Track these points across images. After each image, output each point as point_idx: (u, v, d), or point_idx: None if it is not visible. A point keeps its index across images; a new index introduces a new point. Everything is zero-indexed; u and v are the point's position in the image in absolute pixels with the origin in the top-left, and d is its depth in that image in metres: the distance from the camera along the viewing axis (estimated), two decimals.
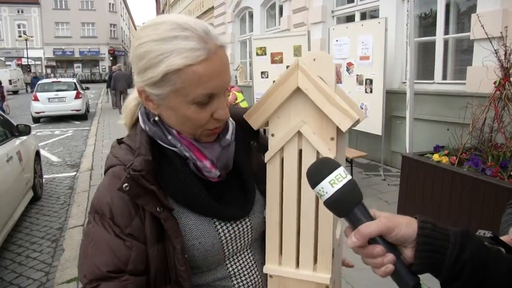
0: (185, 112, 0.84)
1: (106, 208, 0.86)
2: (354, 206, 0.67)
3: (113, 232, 0.84)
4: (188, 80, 0.80)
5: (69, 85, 14.82)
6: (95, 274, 0.82)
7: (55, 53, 44.31)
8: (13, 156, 4.50)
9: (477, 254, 0.65)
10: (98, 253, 0.84)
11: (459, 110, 4.26)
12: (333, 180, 0.66)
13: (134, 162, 0.84)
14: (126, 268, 0.84)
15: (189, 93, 0.81)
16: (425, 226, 0.66)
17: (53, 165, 7.86)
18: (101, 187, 0.91)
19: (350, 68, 6.27)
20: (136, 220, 0.86)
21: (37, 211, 5.25)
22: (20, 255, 4.03)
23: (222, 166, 0.93)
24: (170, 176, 0.89)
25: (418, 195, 4.04)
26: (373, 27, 5.78)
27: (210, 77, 0.81)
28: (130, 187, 0.82)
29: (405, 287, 0.66)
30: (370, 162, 6.64)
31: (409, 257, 0.66)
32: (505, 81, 3.74)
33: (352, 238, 0.66)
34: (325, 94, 0.84)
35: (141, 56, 0.82)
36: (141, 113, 0.95)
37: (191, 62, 0.79)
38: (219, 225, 0.93)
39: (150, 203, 0.84)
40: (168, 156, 0.90)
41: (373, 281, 3.11)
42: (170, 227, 0.86)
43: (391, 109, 6.12)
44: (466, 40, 5.39)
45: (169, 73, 0.80)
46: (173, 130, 0.90)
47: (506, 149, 3.65)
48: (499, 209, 1.53)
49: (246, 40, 11.96)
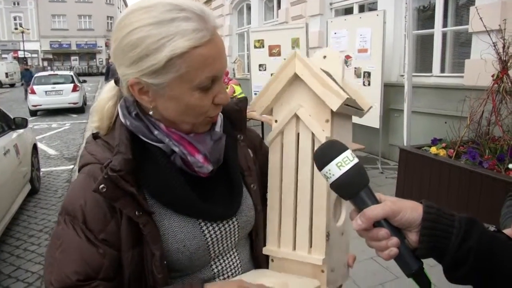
0: (189, 99, 0.79)
1: (78, 211, 0.79)
2: (361, 189, 0.68)
3: (85, 237, 0.78)
4: (194, 63, 0.75)
5: (66, 78, 14.75)
6: (64, 283, 0.77)
7: (52, 45, 44.01)
8: (10, 149, 4.48)
9: (482, 241, 0.65)
10: (68, 260, 0.78)
11: (457, 103, 4.27)
12: (340, 163, 0.67)
13: (112, 161, 0.77)
14: (98, 276, 0.78)
15: (195, 78, 0.76)
16: (431, 211, 0.66)
17: (50, 158, 7.84)
18: (74, 187, 0.83)
19: (348, 61, 6.25)
20: (111, 225, 0.80)
21: (34, 204, 5.24)
22: (18, 248, 4.03)
23: (215, 160, 0.88)
24: (152, 175, 0.83)
25: (415, 188, 4.06)
26: (371, 20, 5.76)
27: (214, 59, 0.77)
28: (107, 188, 0.75)
29: (408, 271, 0.66)
30: (368, 155, 6.65)
31: (413, 241, 0.66)
32: (503, 74, 3.74)
33: (357, 220, 0.67)
34: (318, 78, 0.87)
35: (135, 44, 0.75)
36: (121, 106, 0.87)
37: (196, 44, 0.74)
38: (204, 225, 0.88)
39: (128, 206, 0.78)
40: (151, 152, 0.84)
41: (370, 272, 3.14)
42: (149, 232, 0.80)
43: (389, 102, 6.12)
44: (465, 33, 5.38)
45: (173, 58, 0.74)
46: (160, 124, 0.84)
47: (503, 142, 3.66)
48: (496, 201, 1.54)
49: (244, 32, 11.90)
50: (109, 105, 0.90)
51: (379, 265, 3.17)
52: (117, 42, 0.78)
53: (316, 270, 0.92)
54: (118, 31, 0.78)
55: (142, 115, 0.85)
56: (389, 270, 3.09)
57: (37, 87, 13.83)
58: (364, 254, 3.27)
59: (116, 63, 0.81)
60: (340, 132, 0.92)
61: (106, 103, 0.90)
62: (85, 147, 0.89)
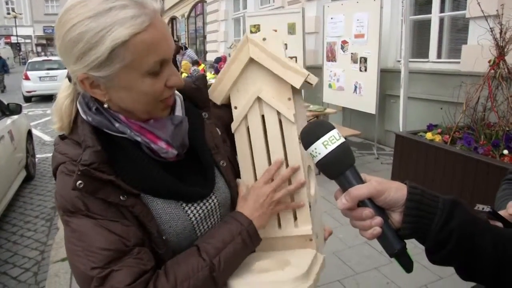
0: (140, 87, 0.78)
1: (79, 203, 0.79)
2: (346, 169, 0.68)
3: (100, 217, 0.79)
4: (138, 50, 0.74)
5: (60, 63, 14.54)
6: (104, 257, 0.76)
7: (45, 31, 43.32)
8: (4, 135, 4.46)
9: (464, 223, 0.66)
10: (96, 238, 0.77)
11: (453, 89, 4.27)
12: (326, 142, 0.67)
13: (82, 157, 0.77)
14: (131, 243, 0.79)
15: (142, 64, 0.76)
16: (415, 191, 0.67)
17: (45, 144, 7.81)
18: (60, 186, 0.82)
19: (345, 46, 6.21)
20: (112, 209, 0.80)
21: (30, 190, 5.24)
22: (15, 234, 4.04)
23: (178, 145, 0.88)
24: (125, 164, 0.83)
25: (411, 174, 4.08)
26: (368, 5, 5.70)
27: (158, 43, 0.76)
28: (85, 183, 0.76)
29: (391, 250, 0.67)
30: (364, 141, 6.66)
31: (397, 221, 0.67)
32: (500, 60, 3.73)
33: (342, 199, 0.67)
34: (276, 59, 0.90)
35: (76, 40, 0.74)
36: (80, 103, 0.87)
37: (136, 31, 0.73)
38: (187, 207, 0.89)
39: (111, 194, 0.79)
40: (119, 143, 0.84)
41: (364, 256, 3.17)
42: (140, 212, 0.81)
43: (385, 88, 6.11)
44: (462, 18, 5.34)
45: (116, 48, 0.73)
46: (120, 116, 0.84)
47: (498, 128, 3.68)
48: (491, 187, 1.55)
49: (240, 17, 11.78)
50: (66, 103, 0.89)
51: (374, 250, 3.20)
52: (60, 40, 0.77)
53: (304, 240, 0.96)
54: (60, 28, 0.77)
55: (102, 109, 0.84)
56: (383, 254, 3.12)
57: (31, 73, 13.70)
58: (358, 239, 3.31)
59: (63, 60, 0.81)
60: (299, 108, 0.96)
61: (63, 102, 0.89)
62: (55, 149, 0.88)
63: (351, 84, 6.13)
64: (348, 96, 6.27)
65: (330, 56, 6.65)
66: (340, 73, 6.41)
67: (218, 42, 13.37)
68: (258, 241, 0.90)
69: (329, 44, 6.62)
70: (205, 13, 15.13)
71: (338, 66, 6.48)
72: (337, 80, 6.53)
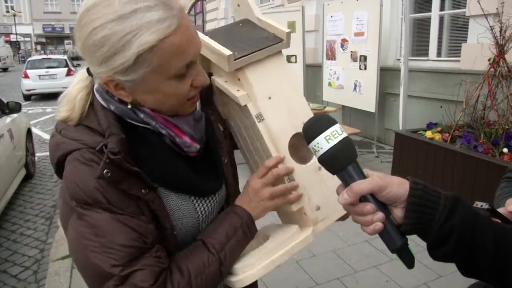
0: (166, 89, 0.76)
1: (98, 195, 0.74)
2: (348, 164, 0.67)
3: (119, 213, 0.75)
4: (166, 54, 0.72)
5: (60, 62, 14.57)
6: (126, 255, 0.73)
7: (45, 29, 43.31)
8: (4, 134, 4.45)
9: (465, 219, 0.65)
10: (115, 235, 0.74)
11: (453, 87, 4.26)
12: (328, 136, 0.66)
13: (109, 144, 0.73)
14: (149, 240, 0.77)
15: (170, 68, 0.74)
16: (417, 187, 0.66)
17: (45, 143, 7.79)
18: (75, 175, 0.76)
19: (345, 45, 6.21)
20: (132, 203, 0.78)
21: (30, 189, 5.24)
22: (14, 232, 4.04)
23: (199, 139, 0.88)
24: (148, 156, 0.81)
25: (410, 172, 4.08)
26: (368, 3, 5.69)
27: (187, 45, 0.74)
28: (112, 172, 0.72)
29: (392, 246, 0.67)
30: (363, 139, 6.66)
31: (399, 217, 0.67)
32: (500, 58, 3.73)
33: (344, 195, 0.66)
34: (205, 45, 0.88)
35: (100, 43, 0.70)
36: (98, 92, 0.82)
37: (164, 35, 0.70)
38: (196, 202, 0.90)
39: (134, 186, 0.76)
40: (141, 134, 0.81)
41: (364, 254, 3.17)
42: (158, 207, 0.81)
43: (385, 86, 6.11)
44: (462, 17, 5.34)
45: (143, 53, 0.70)
46: (145, 109, 0.81)
47: (498, 126, 3.68)
48: (491, 185, 1.55)
49: None
50: (82, 94, 0.84)
51: (374, 248, 3.21)
52: (82, 42, 0.74)
53: (300, 215, 0.94)
54: (81, 29, 0.73)
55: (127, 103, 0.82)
56: (383, 252, 3.13)
57: (30, 71, 13.66)
58: (358, 237, 3.31)
59: (86, 60, 0.78)
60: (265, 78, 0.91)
61: (78, 93, 0.85)
62: (62, 134, 0.81)
63: (351, 82, 6.12)
64: (348, 94, 6.26)
65: (330, 55, 6.65)
66: (340, 71, 6.41)
67: None
68: (255, 231, 0.91)
69: (329, 42, 6.61)
70: (204, 11, 15.11)
71: (338, 64, 6.47)
72: (337, 78, 6.52)
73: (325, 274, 2.93)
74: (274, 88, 0.91)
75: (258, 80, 0.90)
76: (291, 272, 2.91)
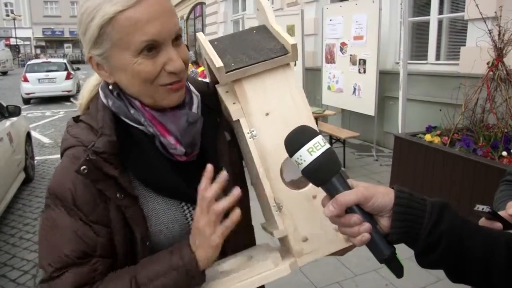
0: (133, 67, 0.76)
1: (68, 194, 0.78)
2: (332, 175, 0.66)
3: (78, 217, 0.78)
4: (123, 27, 0.73)
5: (60, 65, 14.58)
6: (63, 262, 0.77)
7: (44, 33, 43.41)
8: (3, 137, 4.45)
9: (454, 226, 0.65)
10: (64, 240, 0.78)
11: (452, 91, 4.27)
12: (311, 148, 0.65)
13: (96, 144, 0.77)
14: (95, 254, 0.79)
15: (129, 43, 0.74)
16: (402, 195, 0.66)
17: (44, 146, 7.80)
18: (60, 170, 0.82)
19: (344, 48, 6.23)
20: (100, 207, 0.80)
21: (29, 192, 5.22)
22: (13, 236, 4.03)
23: (187, 143, 0.84)
24: (136, 157, 0.82)
25: (410, 175, 4.08)
26: (367, 6, 5.71)
27: (147, 21, 0.73)
28: (89, 170, 0.75)
29: (380, 256, 0.66)
30: (363, 142, 6.67)
31: (386, 226, 0.66)
32: (498, 62, 3.74)
33: (329, 207, 0.66)
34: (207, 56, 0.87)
35: (80, 21, 0.77)
36: (101, 87, 0.87)
37: (122, 8, 0.72)
38: (187, 209, 0.88)
39: (110, 189, 0.78)
40: (134, 135, 0.83)
41: (363, 258, 3.16)
42: (131, 215, 0.80)
43: (384, 90, 6.12)
44: (461, 20, 5.36)
45: (104, 26, 0.74)
46: (135, 102, 0.82)
47: (497, 129, 3.68)
48: (490, 188, 1.55)
49: (239, 19, 11.78)
50: (91, 84, 0.92)
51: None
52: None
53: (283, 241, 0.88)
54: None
55: (122, 95, 0.84)
56: None
57: (30, 74, 13.66)
58: None
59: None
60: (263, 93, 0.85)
61: (90, 82, 0.92)
62: (67, 131, 0.87)
63: (350, 86, 6.14)
64: (347, 98, 6.28)
65: (329, 58, 6.66)
66: (339, 75, 6.42)
67: None
68: (200, 279, 0.79)
69: (328, 46, 6.63)
70: (204, 15, 15.14)
71: (337, 68, 6.49)
72: (336, 82, 6.54)
73: (325, 277, 2.93)
74: (273, 103, 0.85)
75: (256, 94, 0.85)
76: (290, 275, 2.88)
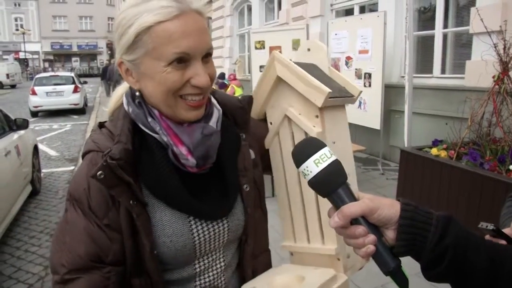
0: (161, 75, 0.78)
1: (83, 196, 0.81)
2: (338, 187, 0.67)
3: (93, 221, 0.80)
4: (159, 38, 0.76)
5: (67, 79, 14.75)
6: (76, 264, 0.78)
7: (53, 46, 44.07)
8: (11, 150, 4.49)
9: (459, 239, 0.65)
10: (79, 241, 0.79)
11: (457, 105, 4.27)
12: (317, 160, 0.66)
13: (112, 150, 0.79)
14: (107, 259, 0.80)
15: (162, 53, 0.77)
16: (408, 208, 0.66)
17: (51, 159, 7.85)
18: (78, 173, 0.85)
19: (349, 62, 6.25)
20: (112, 211, 0.81)
21: (35, 205, 5.24)
22: (19, 249, 4.03)
23: (200, 155, 0.85)
24: (148, 166, 0.83)
25: (416, 189, 4.05)
26: (372, 21, 5.76)
27: (181, 35, 0.77)
28: (105, 175, 0.77)
29: (386, 269, 0.66)
30: (369, 156, 6.64)
31: (391, 239, 0.66)
32: (504, 75, 3.74)
33: (335, 218, 0.66)
34: (300, 77, 0.91)
35: (118, 25, 0.81)
36: (126, 94, 0.90)
37: (162, 19, 0.76)
38: (194, 224, 0.87)
39: (124, 195, 0.79)
40: (149, 144, 0.84)
41: (370, 273, 3.12)
42: (142, 223, 0.81)
43: (389, 103, 6.12)
44: (465, 34, 5.38)
45: (140, 33, 0.77)
46: (155, 111, 0.84)
47: (504, 143, 3.66)
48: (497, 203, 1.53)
49: (245, 33, 11.91)
50: (121, 92, 0.94)
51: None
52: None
53: (333, 259, 0.95)
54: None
55: (143, 104, 0.86)
56: None
57: (38, 88, 13.82)
58: None
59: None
60: (334, 124, 0.96)
61: (121, 90, 0.95)
62: (90, 135, 0.91)
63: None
64: (352, 111, 6.28)
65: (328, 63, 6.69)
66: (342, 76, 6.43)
67: (223, 58, 13.48)
68: None
69: (334, 60, 6.66)
70: (210, 29, 15.32)
71: None
72: None
73: None
74: (338, 135, 0.96)
75: (330, 123, 0.94)
76: None
